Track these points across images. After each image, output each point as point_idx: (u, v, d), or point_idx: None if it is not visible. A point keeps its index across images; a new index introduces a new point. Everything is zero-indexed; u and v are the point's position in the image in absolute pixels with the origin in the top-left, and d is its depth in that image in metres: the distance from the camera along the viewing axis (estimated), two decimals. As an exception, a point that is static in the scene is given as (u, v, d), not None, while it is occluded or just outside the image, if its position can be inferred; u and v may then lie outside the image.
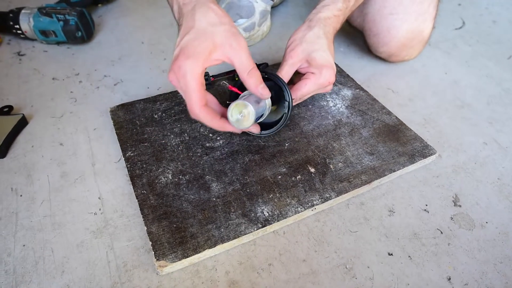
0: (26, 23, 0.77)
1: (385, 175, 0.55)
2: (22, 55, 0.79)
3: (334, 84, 0.70)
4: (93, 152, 0.59)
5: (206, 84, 0.52)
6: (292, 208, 0.50)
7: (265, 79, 0.51)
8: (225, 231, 0.47)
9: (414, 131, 0.61)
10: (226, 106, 0.50)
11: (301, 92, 0.56)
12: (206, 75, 0.66)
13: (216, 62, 0.47)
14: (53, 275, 0.45)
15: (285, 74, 0.57)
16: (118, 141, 0.58)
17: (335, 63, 0.74)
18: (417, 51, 0.76)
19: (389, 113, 0.65)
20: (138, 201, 0.50)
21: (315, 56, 0.56)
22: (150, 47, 0.82)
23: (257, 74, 0.48)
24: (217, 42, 0.45)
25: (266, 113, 0.53)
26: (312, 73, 0.57)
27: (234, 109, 0.49)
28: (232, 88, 0.54)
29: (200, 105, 0.46)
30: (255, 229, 0.48)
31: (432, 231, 0.51)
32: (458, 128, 0.66)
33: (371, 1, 0.71)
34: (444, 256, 0.48)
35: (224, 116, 0.50)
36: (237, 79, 0.54)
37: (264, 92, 0.48)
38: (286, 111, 0.55)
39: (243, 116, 0.49)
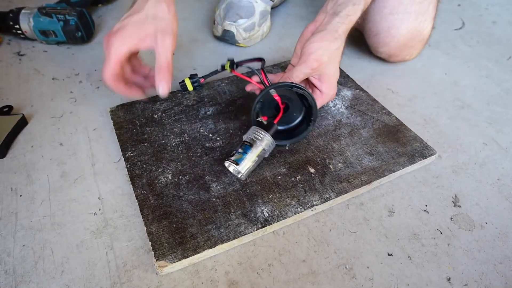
0: (26, 23, 0.77)
1: (385, 176, 0.55)
2: (22, 55, 0.79)
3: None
4: (93, 152, 0.59)
5: (195, 86, 0.66)
6: (292, 209, 0.50)
7: (289, 90, 0.54)
8: (225, 232, 0.47)
9: (414, 132, 0.61)
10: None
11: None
12: (195, 76, 0.66)
13: (143, 48, 0.54)
14: (52, 275, 0.45)
15: (299, 78, 0.56)
16: (118, 141, 0.58)
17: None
18: (417, 51, 0.76)
19: (389, 113, 0.65)
20: (138, 201, 0.50)
21: (329, 73, 0.57)
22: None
23: (165, 73, 0.53)
24: (149, 33, 0.52)
25: (268, 153, 0.53)
26: (321, 92, 0.59)
27: (229, 167, 0.53)
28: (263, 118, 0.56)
29: (109, 76, 0.52)
30: (255, 229, 0.48)
31: (432, 231, 0.51)
32: (458, 129, 0.66)
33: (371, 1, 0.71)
34: (443, 257, 0.48)
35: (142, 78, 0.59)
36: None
37: (161, 89, 0.53)
38: (310, 128, 0.58)
39: (236, 171, 0.52)
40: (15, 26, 0.78)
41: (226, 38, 0.81)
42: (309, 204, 0.51)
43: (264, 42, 0.86)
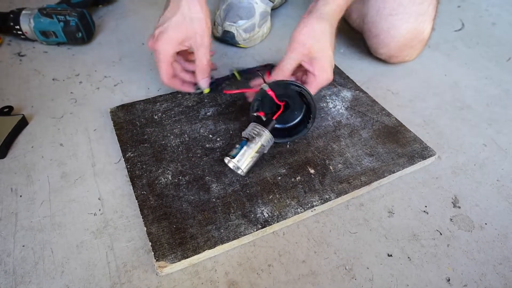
0: (26, 24, 0.77)
1: (385, 177, 0.55)
2: (22, 55, 0.79)
3: (334, 86, 0.70)
4: (93, 153, 0.59)
5: (211, 88, 0.66)
6: (292, 209, 0.50)
7: (286, 86, 0.54)
8: (224, 232, 0.47)
9: (413, 133, 0.61)
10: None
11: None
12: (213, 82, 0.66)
13: (185, 48, 0.60)
14: (52, 276, 0.45)
15: (287, 67, 0.57)
16: (118, 142, 0.58)
17: (335, 65, 0.75)
18: (417, 51, 0.76)
19: (388, 114, 0.65)
20: (138, 201, 0.50)
21: (319, 56, 0.57)
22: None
23: (206, 70, 0.61)
24: (189, 34, 0.58)
25: (267, 148, 0.54)
26: (314, 75, 0.58)
27: (229, 164, 0.54)
28: (259, 113, 0.56)
29: (167, 78, 0.61)
30: (255, 230, 0.48)
31: (432, 232, 0.51)
32: (458, 130, 0.66)
33: (370, 2, 0.71)
34: (443, 257, 0.48)
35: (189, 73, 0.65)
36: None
37: (202, 83, 0.63)
38: (309, 126, 0.58)
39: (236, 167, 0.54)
40: (16, 27, 0.78)
41: (226, 38, 0.81)
42: (309, 204, 0.51)
43: (264, 43, 0.86)
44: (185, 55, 0.66)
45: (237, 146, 0.52)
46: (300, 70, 0.61)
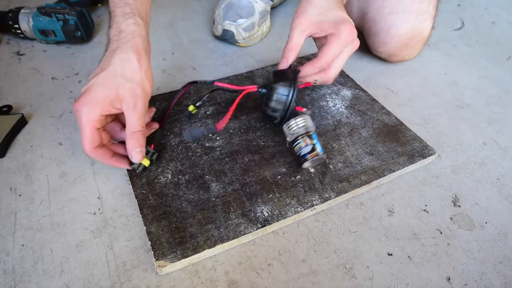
0: (25, 23, 0.77)
1: (385, 175, 0.55)
2: (21, 54, 0.78)
3: (334, 84, 0.70)
4: (92, 152, 0.59)
5: (151, 160, 0.54)
6: (292, 208, 0.50)
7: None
8: (224, 231, 0.47)
9: (413, 132, 0.61)
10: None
11: (328, 57, 0.54)
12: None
13: (114, 111, 0.48)
14: (52, 275, 0.45)
15: (296, 43, 0.54)
16: (117, 141, 0.58)
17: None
18: (417, 50, 0.76)
19: (388, 113, 0.65)
20: (137, 201, 0.50)
21: (327, 18, 0.54)
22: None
23: (139, 138, 0.49)
24: (119, 94, 0.47)
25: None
26: (331, 34, 0.54)
27: (313, 161, 0.53)
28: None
29: (89, 148, 0.48)
30: (255, 229, 0.48)
31: (432, 231, 0.51)
32: (458, 129, 0.66)
33: (370, 1, 0.71)
34: (443, 256, 0.48)
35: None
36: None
37: (135, 156, 0.50)
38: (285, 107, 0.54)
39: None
40: (15, 26, 0.78)
41: (226, 38, 0.81)
42: (309, 203, 0.51)
43: (264, 42, 0.86)
44: (117, 133, 0.53)
45: (306, 144, 0.52)
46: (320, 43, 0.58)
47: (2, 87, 0.70)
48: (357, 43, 0.56)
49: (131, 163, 0.52)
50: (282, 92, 0.53)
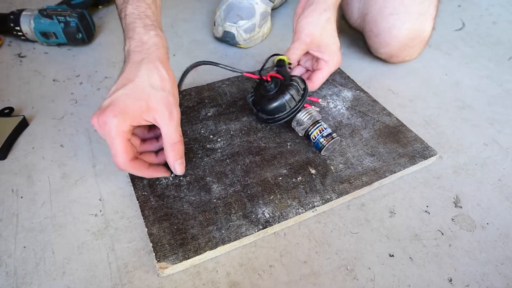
0: (27, 25, 0.77)
1: (386, 176, 0.55)
2: (22, 56, 0.79)
3: (334, 86, 0.70)
4: (93, 154, 0.59)
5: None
6: (293, 210, 0.50)
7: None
8: (226, 233, 0.47)
9: (414, 132, 0.61)
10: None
11: (320, 82, 0.64)
12: None
13: (145, 123, 0.46)
14: (53, 277, 0.45)
15: (296, 55, 0.60)
16: (118, 143, 0.58)
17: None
18: (417, 51, 0.76)
19: (389, 114, 0.65)
20: (139, 202, 0.50)
21: (327, 42, 0.61)
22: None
23: (180, 149, 0.48)
24: (151, 105, 0.45)
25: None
26: (325, 61, 0.62)
27: (329, 148, 0.57)
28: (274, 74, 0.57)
29: (125, 162, 0.46)
30: (256, 230, 0.48)
31: (433, 232, 0.51)
32: (459, 129, 0.66)
33: (371, 2, 0.71)
34: (445, 257, 0.48)
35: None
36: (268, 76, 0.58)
37: (178, 168, 0.49)
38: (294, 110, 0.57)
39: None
40: (16, 28, 0.78)
41: (227, 39, 0.81)
42: (310, 205, 0.51)
43: (265, 43, 0.86)
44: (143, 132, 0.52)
45: (320, 132, 0.55)
46: (308, 59, 0.66)
47: (3, 89, 0.70)
48: (339, 63, 0.64)
49: (170, 170, 0.51)
50: (289, 102, 0.57)
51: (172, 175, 0.53)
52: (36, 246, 0.47)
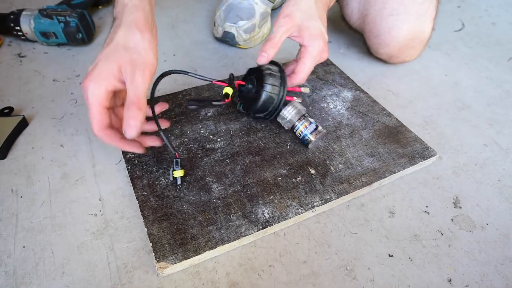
0: (26, 25, 0.77)
1: (386, 177, 0.55)
2: (22, 56, 0.79)
3: (334, 86, 0.70)
4: (93, 154, 0.59)
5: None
6: (293, 210, 0.50)
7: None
8: (225, 233, 0.47)
9: (414, 133, 0.61)
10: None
11: (303, 72, 0.58)
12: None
13: (121, 85, 0.46)
14: (53, 277, 0.45)
15: (279, 40, 0.57)
16: (118, 143, 0.58)
17: (334, 63, 0.75)
18: (417, 52, 0.76)
19: (389, 114, 0.65)
20: (138, 202, 0.50)
21: (307, 25, 0.56)
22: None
23: (134, 111, 0.44)
24: (121, 66, 0.45)
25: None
26: (305, 47, 0.57)
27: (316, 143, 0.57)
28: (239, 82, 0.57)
29: (98, 128, 0.46)
30: (256, 230, 0.48)
31: (433, 232, 0.51)
32: (459, 130, 0.66)
33: (371, 3, 0.71)
34: (444, 258, 0.48)
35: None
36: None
37: (127, 130, 0.44)
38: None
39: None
40: (16, 28, 0.78)
41: (227, 39, 0.81)
42: (310, 205, 0.51)
43: (265, 43, 0.86)
44: None
45: (306, 128, 0.56)
46: (295, 61, 0.62)
47: (3, 89, 0.70)
48: (325, 55, 0.59)
49: (144, 148, 0.49)
50: (272, 91, 0.55)
51: (172, 181, 0.52)
52: (35, 246, 0.47)
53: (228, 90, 0.57)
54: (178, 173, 0.51)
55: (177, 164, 0.52)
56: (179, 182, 0.52)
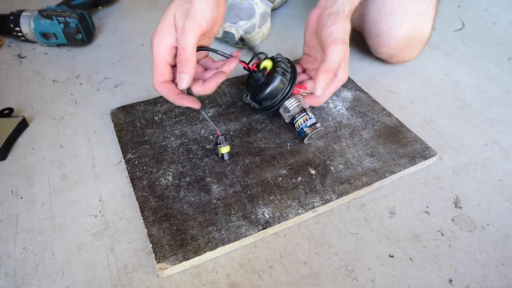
0: (26, 26, 0.77)
1: (386, 177, 0.55)
2: (22, 57, 0.79)
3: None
4: (93, 154, 0.59)
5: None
6: (293, 210, 0.50)
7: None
8: (225, 233, 0.47)
9: (414, 133, 0.61)
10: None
11: (319, 89, 0.53)
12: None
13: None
14: (53, 278, 0.45)
15: (334, 64, 0.54)
16: (118, 143, 0.58)
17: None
18: (417, 51, 0.76)
19: (389, 114, 0.65)
20: (138, 203, 0.50)
21: (323, 38, 0.54)
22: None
23: (182, 63, 0.47)
24: (176, 13, 0.46)
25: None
26: (335, 76, 0.56)
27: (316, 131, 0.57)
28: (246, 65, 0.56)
29: (156, 82, 0.48)
30: (256, 231, 0.48)
31: (433, 232, 0.51)
32: (459, 130, 0.66)
33: (370, 2, 0.71)
34: (445, 258, 0.48)
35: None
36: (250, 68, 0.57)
37: (180, 82, 0.47)
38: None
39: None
40: (16, 29, 0.78)
41: (226, 39, 0.81)
42: (310, 205, 0.51)
43: (264, 43, 0.86)
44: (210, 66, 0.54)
45: (305, 121, 0.56)
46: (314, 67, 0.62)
47: (3, 89, 0.70)
48: (345, 77, 0.58)
49: (199, 103, 0.50)
50: (284, 77, 0.56)
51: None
52: (35, 247, 0.47)
53: (267, 64, 0.56)
54: (225, 149, 0.55)
55: (224, 140, 0.54)
56: (226, 158, 0.55)
